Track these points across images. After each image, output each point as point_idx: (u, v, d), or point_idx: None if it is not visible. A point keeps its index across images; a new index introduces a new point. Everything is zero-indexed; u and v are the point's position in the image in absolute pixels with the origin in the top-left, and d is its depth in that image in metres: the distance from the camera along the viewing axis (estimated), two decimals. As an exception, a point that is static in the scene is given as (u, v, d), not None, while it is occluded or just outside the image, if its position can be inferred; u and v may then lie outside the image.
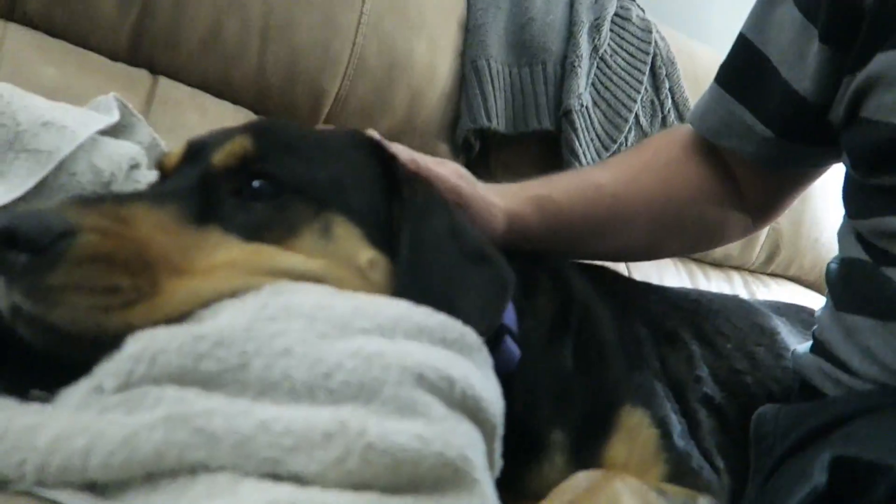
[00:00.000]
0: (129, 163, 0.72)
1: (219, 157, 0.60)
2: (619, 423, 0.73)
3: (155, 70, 1.09)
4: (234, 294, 0.52)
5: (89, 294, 0.47)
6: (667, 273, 1.55)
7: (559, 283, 0.83)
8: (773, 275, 1.81)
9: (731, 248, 1.70)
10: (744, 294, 1.69)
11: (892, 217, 0.75)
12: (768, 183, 1.00)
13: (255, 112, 1.16)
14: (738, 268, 1.75)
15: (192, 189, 0.58)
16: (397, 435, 0.45)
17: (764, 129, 0.90)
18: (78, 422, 0.43)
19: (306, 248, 0.57)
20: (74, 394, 0.46)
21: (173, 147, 0.82)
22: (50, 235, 0.47)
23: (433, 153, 1.37)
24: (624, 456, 0.71)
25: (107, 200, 0.53)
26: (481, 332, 0.57)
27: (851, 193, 0.86)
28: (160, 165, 0.67)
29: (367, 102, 1.24)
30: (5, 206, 0.61)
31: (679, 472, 0.71)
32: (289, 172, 0.60)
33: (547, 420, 0.71)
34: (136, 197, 0.56)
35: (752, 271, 1.77)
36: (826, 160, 0.97)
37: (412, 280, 0.57)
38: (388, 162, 0.66)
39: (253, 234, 0.56)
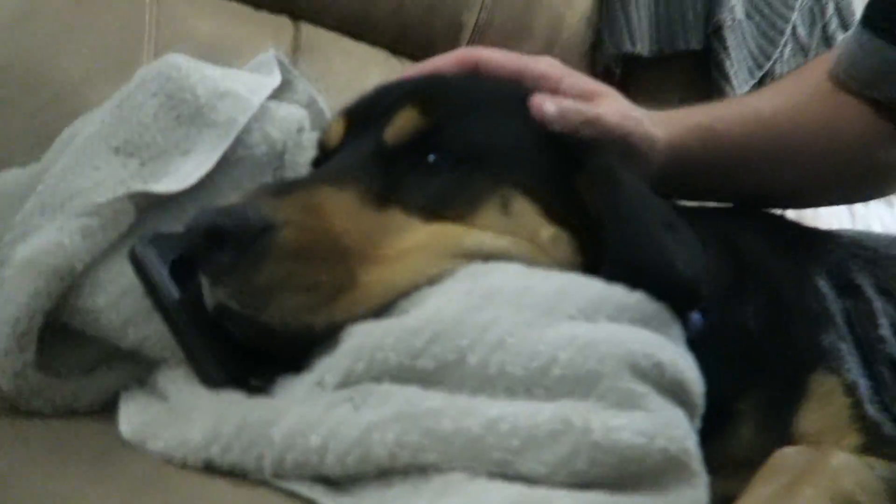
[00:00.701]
0: (297, 128, 0.71)
1: (390, 133, 0.58)
2: (810, 391, 0.69)
3: (295, 14, 1.07)
4: (428, 280, 0.52)
5: (294, 292, 0.48)
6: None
7: (728, 242, 0.78)
8: (942, 195, 1.65)
9: (895, 168, 1.55)
10: (909, 219, 1.56)
11: None
12: None
13: (394, 52, 1.13)
14: (901, 189, 1.60)
15: (368, 166, 0.57)
16: (621, 431, 0.44)
17: None
18: (310, 417, 0.44)
19: (488, 224, 0.56)
20: (297, 387, 0.48)
21: (330, 101, 0.82)
22: (252, 233, 0.47)
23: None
24: (816, 426, 0.68)
25: (295, 188, 0.53)
26: (702, 294, 0.56)
27: None
28: (321, 139, 0.66)
29: (506, 31, 1.18)
30: (200, 183, 0.62)
31: (872, 441, 0.67)
32: (463, 144, 0.58)
33: (733, 388, 0.68)
34: (318, 181, 0.56)
35: (917, 192, 1.61)
36: None
37: (621, 252, 0.55)
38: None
39: (433, 212, 0.55)
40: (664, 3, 1.32)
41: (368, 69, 1.07)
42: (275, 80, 0.74)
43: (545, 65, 0.70)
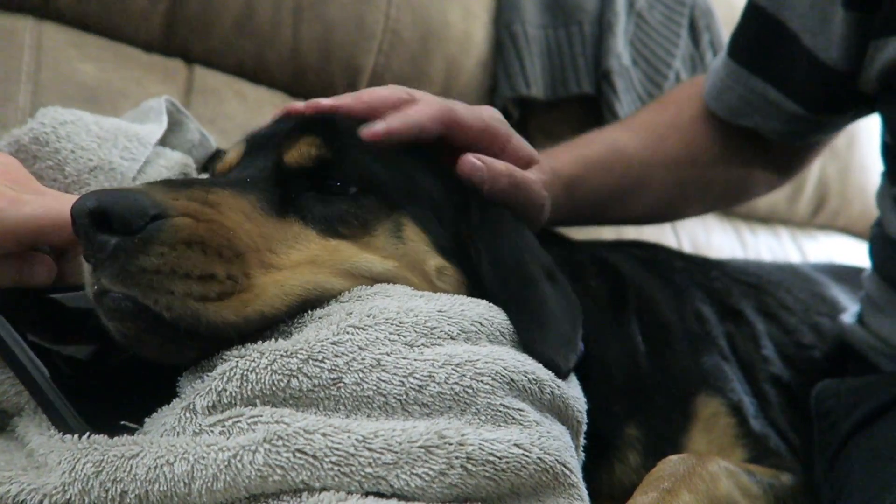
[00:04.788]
0: (178, 172, 0.70)
1: (291, 156, 0.58)
2: (696, 413, 0.71)
3: (189, 58, 1.06)
4: (320, 293, 0.51)
5: (185, 280, 0.45)
6: (713, 232, 1.52)
7: (604, 265, 0.81)
8: (821, 227, 1.77)
9: (778, 202, 1.66)
10: (792, 250, 1.66)
11: None
12: (794, 147, 0.96)
13: (292, 95, 1.13)
14: (784, 222, 1.71)
15: (268, 180, 0.57)
16: (495, 444, 0.44)
17: (792, 105, 0.84)
18: (176, 447, 0.43)
19: (380, 246, 0.56)
20: (167, 416, 0.46)
21: (223, 143, 0.82)
22: (143, 217, 0.45)
23: (472, 124, 1.34)
24: (704, 446, 0.70)
25: (193, 185, 0.52)
26: (573, 359, 0.55)
27: (891, 158, 0.82)
28: (215, 166, 0.66)
29: (404, 75, 1.20)
30: None
31: (759, 455, 0.70)
32: (362, 172, 0.58)
33: (621, 415, 0.69)
34: (218, 183, 0.55)
35: (798, 224, 1.73)
36: (857, 119, 0.92)
37: (503, 297, 0.56)
38: (457, 176, 0.64)
39: (330, 228, 0.55)
40: (556, 50, 1.38)
41: (264, 111, 1.07)
42: (158, 127, 0.73)
43: (497, 122, 0.70)
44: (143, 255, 0.45)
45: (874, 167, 1.89)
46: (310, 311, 0.50)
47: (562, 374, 0.52)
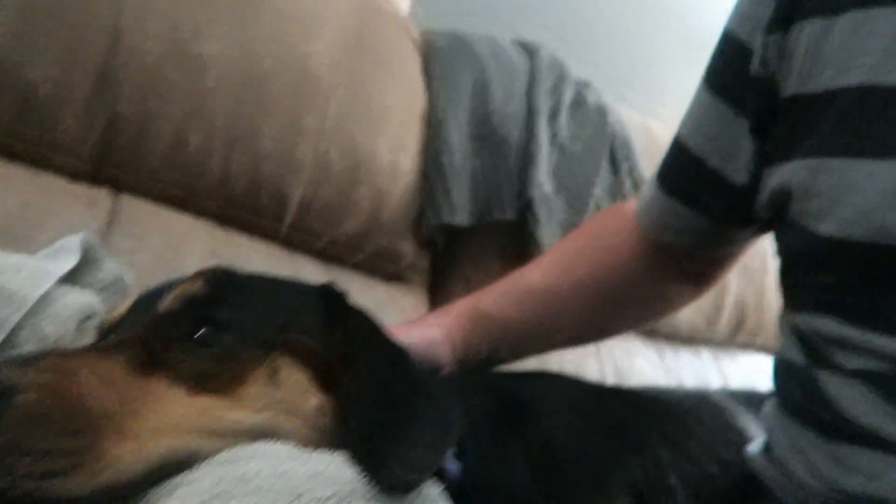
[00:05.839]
0: (79, 318, 0.70)
1: (165, 303, 0.60)
2: None
3: (118, 186, 1.09)
4: (184, 458, 0.51)
5: (26, 457, 0.45)
6: (636, 356, 1.56)
7: (493, 384, 0.83)
8: (741, 346, 1.84)
9: (698, 322, 1.73)
10: (713, 370, 1.72)
11: (827, 318, 0.71)
12: (709, 259, 1.00)
13: (220, 222, 1.17)
14: (706, 341, 1.77)
15: (139, 337, 0.58)
16: None
17: (701, 221, 0.89)
18: None
19: (253, 395, 0.57)
20: None
21: (143, 277, 0.83)
22: None
23: (398, 251, 1.39)
24: None
25: (50, 355, 0.52)
26: (428, 470, 0.55)
27: (787, 283, 0.83)
28: (102, 325, 0.67)
29: (331, 205, 1.25)
30: None
31: None
32: (235, 316, 0.60)
33: None
34: (81, 349, 0.55)
35: (719, 344, 1.79)
36: (760, 235, 0.96)
37: (355, 414, 0.57)
38: (334, 300, 0.67)
39: (199, 383, 0.55)
40: (481, 179, 1.45)
41: (190, 239, 1.09)
42: (67, 264, 0.74)
43: None
44: None
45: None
46: (181, 476, 0.50)
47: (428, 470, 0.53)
